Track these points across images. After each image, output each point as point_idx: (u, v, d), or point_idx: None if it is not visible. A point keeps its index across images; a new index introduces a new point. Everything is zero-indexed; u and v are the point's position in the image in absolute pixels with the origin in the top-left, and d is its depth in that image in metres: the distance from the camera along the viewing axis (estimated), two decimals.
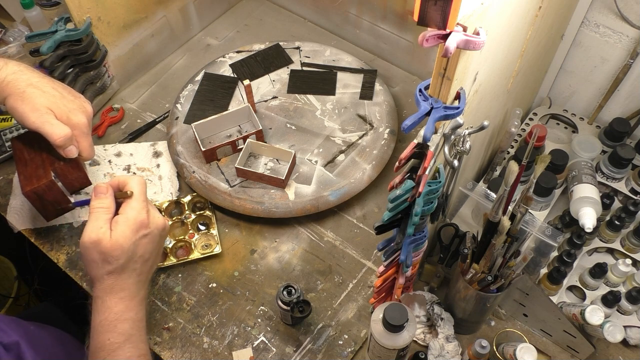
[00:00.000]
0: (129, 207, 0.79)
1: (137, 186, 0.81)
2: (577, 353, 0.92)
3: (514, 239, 0.78)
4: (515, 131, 0.93)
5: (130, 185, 0.81)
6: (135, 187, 0.81)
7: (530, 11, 0.76)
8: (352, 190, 1.06)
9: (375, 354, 0.80)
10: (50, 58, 1.10)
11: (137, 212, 0.79)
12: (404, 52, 1.29)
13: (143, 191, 0.82)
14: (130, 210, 0.79)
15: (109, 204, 0.80)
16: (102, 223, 0.77)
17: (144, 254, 0.79)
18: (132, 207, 0.79)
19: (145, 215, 0.80)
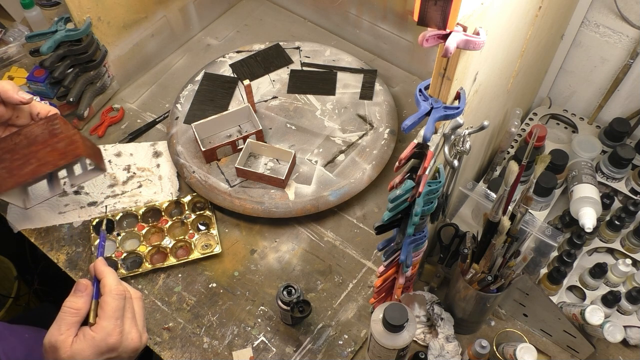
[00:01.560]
0: (99, 326, 0.69)
1: (112, 302, 0.70)
2: (577, 353, 0.92)
3: (514, 239, 0.78)
4: (515, 131, 0.93)
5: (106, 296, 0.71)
6: (109, 303, 0.70)
7: (530, 11, 0.76)
8: (352, 190, 1.06)
9: (375, 354, 0.80)
10: (50, 58, 1.10)
11: (106, 334, 0.69)
12: (404, 52, 1.29)
13: (118, 307, 0.70)
14: (100, 330, 0.69)
15: (80, 306, 0.70)
16: (65, 328, 0.69)
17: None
18: (103, 327, 0.69)
19: (115, 337, 0.69)
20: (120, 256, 1.00)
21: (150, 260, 1.01)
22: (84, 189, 1.09)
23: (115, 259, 1.00)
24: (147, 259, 1.00)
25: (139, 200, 1.08)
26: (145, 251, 1.01)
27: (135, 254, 1.01)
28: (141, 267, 0.99)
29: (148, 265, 0.99)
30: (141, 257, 1.01)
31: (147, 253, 1.01)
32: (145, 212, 1.06)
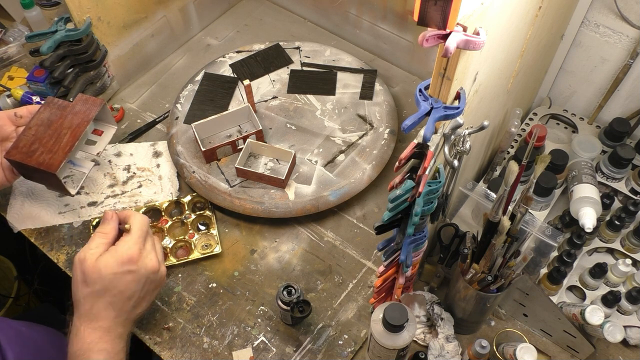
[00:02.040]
0: (122, 240, 0.80)
1: (136, 223, 0.82)
2: (577, 353, 0.92)
3: (514, 239, 0.78)
4: (515, 131, 0.93)
5: (131, 220, 0.83)
6: (134, 224, 0.82)
7: (530, 11, 0.76)
8: (352, 190, 1.06)
9: (375, 354, 0.80)
10: (50, 58, 1.10)
11: (128, 247, 0.79)
12: (404, 52, 1.29)
13: (141, 229, 0.82)
14: (122, 244, 0.80)
15: (108, 230, 0.81)
16: (94, 245, 0.79)
17: (125, 290, 0.78)
18: (125, 241, 0.80)
19: (135, 251, 0.80)
20: None
21: None
22: (84, 189, 1.09)
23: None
24: None
25: (139, 200, 1.08)
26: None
27: None
28: None
29: None
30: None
31: None
32: (145, 212, 1.06)
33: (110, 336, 0.77)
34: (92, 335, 0.76)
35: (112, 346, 0.77)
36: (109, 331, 0.77)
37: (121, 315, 0.79)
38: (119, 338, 0.78)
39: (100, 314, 0.77)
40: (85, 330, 0.76)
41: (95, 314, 0.77)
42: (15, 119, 0.93)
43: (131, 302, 0.80)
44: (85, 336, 0.75)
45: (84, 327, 0.76)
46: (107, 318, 0.77)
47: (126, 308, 0.79)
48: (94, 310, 0.77)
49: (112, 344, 0.77)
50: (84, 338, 0.75)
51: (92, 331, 0.76)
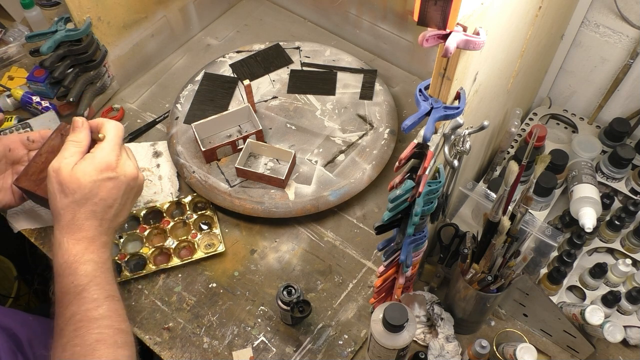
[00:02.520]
0: (98, 147, 0.78)
1: (111, 130, 0.80)
2: (577, 353, 0.92)
3: (514, 239, 0.78)
4: (515, 131, 0.93)
5: (105, 128, 0.80)
6: (109, 131, 0.80)
7: (530, 11, 0.76)
8: (352, 190, 1.06)
9: (375, 354, 0.80)
10: (50, 58, 1.10)
11: (105, 154, 0.77)
12: (404, 52, 1.29)
13: (117, 135, 0.80)
14: (99, 151, 0.78)
15: (81, 138, 0.79)
16: (68, 154, 0.76)
17: (106, 197, 0.77)
18: (102, 147, 0.78)
19: (113, 158, 0.78)
20: (124, 259, 1.00)
21: (154, 261, 1.01)
22: None
23: (118, 261, 0.99)
24: (151, 261, 1.00)
25: (138, 200, 1.08)
26: (148, 252, 1.01)
27: (138, 255, 1.01)
28: (145, 269, 0.99)
29: (152, 266, 0.99)
30: (144, 258, 1.01)
31: (150, 254, 1.01)
32: (146, 214, 1.06)
33: (95, 245, 0.75)
34: (76, 246, 0.74)
35: (98, 256, 0.75)
36: (94, 240, 0.75)
37: (104, 223, 0.77)
38: (104, 247, 0.77)
39: (83, 223, 0.75)
40: (69, 241, 0.74)
41: (78, 224, 0.75)
42: (27, 143, 0.92)
43: (112, 210, 0.78)
44: (70, 248, 0.74)
45: (67, 238, 0.74)
46: (91, 227, 0.76)
47: (108, 216, 0.78)
48: (75, 220, 0.75)
49: (98, 253, 0.75)
50: (68, 250, 0.74)
51: (76, 242, 0.74)
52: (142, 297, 0.98)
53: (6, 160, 0.91)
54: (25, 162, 0.93)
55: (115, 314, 0.75)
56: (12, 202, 0.92)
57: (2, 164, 0.91)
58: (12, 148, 0.91)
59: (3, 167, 0.91)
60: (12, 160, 0.92)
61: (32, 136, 0.92)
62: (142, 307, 0.97)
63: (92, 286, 0.73)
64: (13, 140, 0.92)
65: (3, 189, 0.91)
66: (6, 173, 0.92)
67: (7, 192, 0.91)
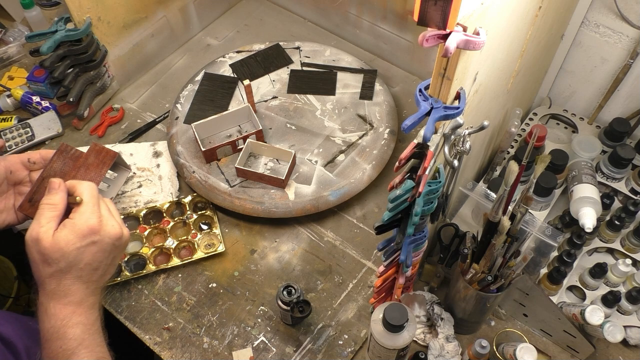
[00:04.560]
0: (78, 212, 0.76)
1: (86, 191, 0.77)
2: (577, 353, 0.92)
3: (514, 239, 0.78)
4: (515, 131, 0.93)
5: (79, 190, 0.77)
6: (84, 193, 0.77)
7: (530, 11, 0.76)
8: (352, 190, 1.06)
9: (375, 354, 0.80)
10: (50, 58, 1.10)
11: (86, 218, 0.75)
12: (404, 52, 1.29)
13: (93, 195, 0.78)
14: (79, 216, 0.75)
15: (57, 201, 0.76)
16: (45, 221, 0.74)
17: (91, 262, 0.75)
18: (81, 212, 0.75)
19: (95, 221, 0.75)
20: (124, 259, 1.00)
21: (154, 261, 1.01)
22: None
23: (119, 261, 0.99)
24: (151, 261, 1.00)
25: (138, 201, 1.08)
26: (148, 252, 1.01)
27: (138, 255, 1.01)
28: (145, 269, 0.99)
29: (152, 266, 0.99)
30: (145, 258, 1.01)
31: (150, 254, 1.01)
32: (146, 214, 1.06)
33: (83, 308, 0.74)
34: (63, 310, 0.72)
35: (86, 318, 0.74)
36: (81, 303, 0.74)
37: (90, 285, 0.76)
38: (92, 308, 0.75)
39: (69, 289, 0.73)
40: (55, 307, 0.72)
41: (64, 290, 0.73)
42: (28, 164, 0.91)
43: (99, 272, 0.76)
44: (57, 313, 0.72)
45: (53, 304, 0.73)
46: (77, 291, 0.74)
47: (94, 278, 0.76)
48: (61, 287, 0.73)
49: (86, 315, 0.74)
50: (55, 315, 0.72)
51: (62, 307, 0.72)
52: (142, 297, 0.98)
53: (7, 182, 0.91)
54: (26, 182, 0.92)
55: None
56: (15, 221, 0.92)
57: (3, 185, 0.90)
58: (13, 170, 0.90)
59: (5, 188, 0.90)
60: (13, 181, 0.91)
61: (32, 157, 0.91)
62: (142, 307, 0.97)
63: (82, 349, 0.72)
64: (14, 162, 0.91)
65: (5, 210, 0.90)
66: (8, 193, 0.91)
67: (9, 212, 0.91)
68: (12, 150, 1.14)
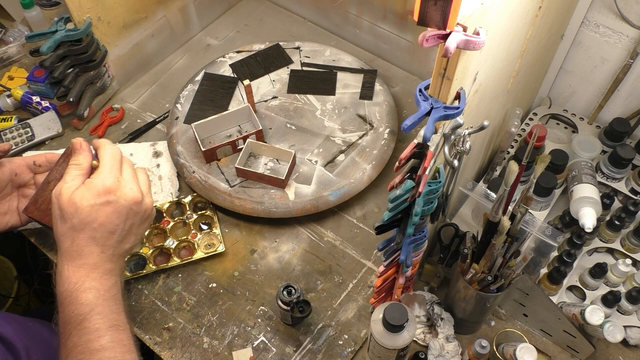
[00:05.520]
0: (97, 172, 0.76)
1: (107, 153, 0.77)
2: (577, 353, 0.92)
3: (514, 239, 0.78)
4: (515, 131, 0.93)
5: (100, 152, 0.78)
6: (105, 154, 0.77)
7: (530, 11, 0.76)
8: (352, 190, 1.06)
9: (375, 354, 0.80)
10: (50, 58, 1.10)
11: (103, 177, 0.74)
12: (404, 52, 1.29)
13: (113, 157, 0.77)
14: (96, 175, 0.75)
15: (81, 161, 0.77)
16: (70, 178, 0.74)
17: (106, 222, 0.73)
18: (99, 172, 0.75)
19: (111, 180, 0.74)
20: None
21: (154, 261, 1.01)
22: None
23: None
24: (151, 261, 1.00)
25: None
26: (148, 252, 1.01)
27: (138, 255, 1.01)
28: (145, 269, 0.99)
29: (152, 266, 0.99)
30: (145, 258, 1.01)
31: (150, 254, 1.01)
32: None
33: (97, 272, 0.72)
34: (77, 273, 0.71)
35: (100, 283, 0.72)
36: (96, 267, 0.72)
37: (106, 250, 0.74)
38: (108, 274, 0.73)
39: (83, 250, 0.72)
40: (69, 269, 0.71)
41: (77, 250, 0.72)
42: (34, 167, 0.91)
43: (115, 236, 0.75)
44: (70, 275, 0.71)
45: (67, 266, 0.71)
46: (91, 254, 0.73)
47: (110, 242, 0.74)
48: (75, 246, 0.72)
49: (101, 280, 0.72)
50: (69, 278, 0.71)
51: (76, 269, 0.71)
52: (142, 297, 0.98)
53: (12, 184, 0.90)
54: (31, 185, 0.92)
55: (119, 344, 0.71)
56: (19, 224, 0.92)
57: (8, 187, 0.90)
58: (18, 173, 0.90)
59: (9, 190, 0.90)
60: (18, 184, 0.91)
61: (38, 160, 0.91)
62: (142, 307, 0.97)
63: (94, 315, 0.70)
64: (19, 164, 0.91)
65: (10, 212, 0.90)
66: (12, 196, 0.91)
67: (13, 215, 0.91)
68: (13, 150, 1.14)
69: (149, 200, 0.79)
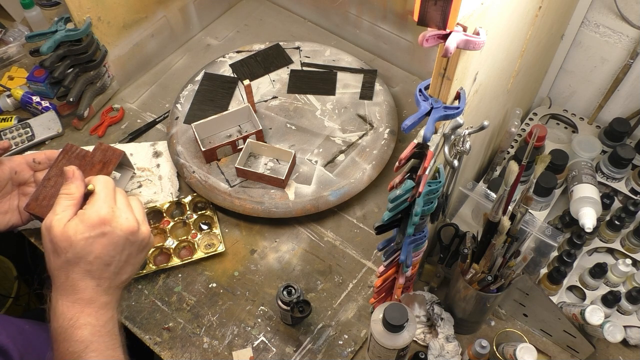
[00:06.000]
0: (90, 202, 0.72)
1: (100, 182, 0.74)
2: (577, 353, 0.92)
3: (514, 239, 0.78)
4: (515, 131, 0.93)
5: (94, 181, 0.75)
6: (98, 183, 0.74)
7: (530, 11, 0.76)
8: (352, 190, 1.06)
9: (375, 354, 0.80)
10: (50, 58, 1.10)
11: (97, 207, 0.71)
12: (404, 52, 1.29)
13: (107, 186, 0.74)
14: (90, 206, 0.72)
15: (73, 190, 0.74)
16: (60, 209, 0.71)
17: (101, 255, 0.70)
18: (93, 202, 0.72)
19: (106, 211, 0.71)
20: None
21: (154, 261, 1.01)
22: None
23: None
24: (151, 261, 1.00)
25: None
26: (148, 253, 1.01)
27: None
28: (145, 269, 0.99)
29: (152, 266, 0.99)
30: (145, 258, 1.00)
31: (150, 254, 1.01)
32: (146, 214, 1.05)
33: (92, 308, 0.69)
34: (71, 309, 0.69)
35: (96, 318, 0.69)
36: (91, 302, 0.70)
37: (102, 283, 0.71)
38: (104, 308, 0.71)
39: (78, 284, 0.69)
40: (64, 304, 0.69)
41: (72, 285, 0.69)
42: (33, 165, 0.91)
43: (111, 268, 0.72)
44: (65, 311, 0.69)
45: (62, 301, 0.69)
46: (87, 288, 0.70)
47: (106, 275, 0.71)
48: (69, 281, 0.69)
49: (96, 316, 0.69)
50: (63, 314, 0.68)
51: (71, 305, 0.69)
52: (142, 297, 0.98)
53: (12, 183, 0.90)
54: (31, 183, 0.92)
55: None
56: (19, 222, 0.91)
57: (8, 186, 0.90)
58: (17, 171, 0.90)
59: (9, 189, 0.90)
60: (18, 182, 0.91)
61: (37, 158, 0.91)
62: (142, 307, 0.97)
63: (89, 353, 0.67)
64: (19, 162, 0.90)
65: (10, 210, 0.90)
66: (12, 194, 0.91)
67: (14, 213, 0.90)
68: (13, 150, 1.14)
69: (145, 229, 0.76)
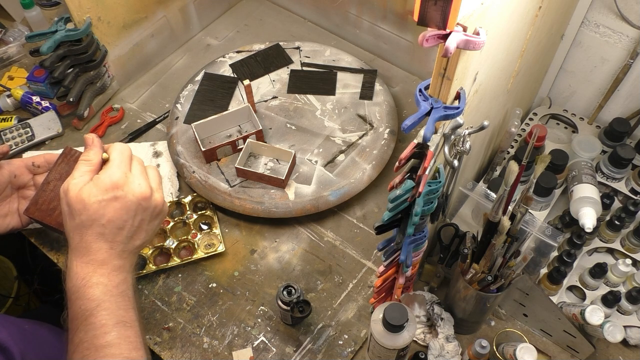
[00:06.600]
0: (105, 168, 0.75)
1: (115, 149, 0.77)
2: (577, 353, 0.92)
3: (514, 239, 0.78)
4: (515, 131, 0.93)
5: (110, 149, 0.78)
6: (113, 150, 0.77)
7: (530, 11, 0.76)
8: (352, 190, 1.06)
9: (375, 354, 0.80)
10: (50, 58, 1.10)
11: (110, 173, 0.73)
12: (404, 52, 1.29)
13: (122, 153, 0.77)
14: (104, 171, 0.74)
15: (91, 157, 0.76)
16: (78, 174, 0.74)
17: (113, 218, 0.72)
18: (107, 167, 0.75)
19: (119, 176, 0.73)
20: None
21: (154, 261, 1.01)
22: None
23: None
24: (151, 261, 1.00)
25: None
26: (148, 253, 1.01)
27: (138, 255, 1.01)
28: (145, 269, 0.99)
29: (152, 266, 0.99)
30: (144, 258, 1.00)
31: (150, 254, 1.01)
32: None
33: (105, 269, 0.72)
34: (84, 269, 0.71)
35: (108, 279, 0.71)
36: (104, 263, 0.72)
37: (115, 246, 0.73)
38: (117, 270, 0.73)
39: (91, 246, 0.72)
40: (78, 265, 0.71)
41: (86, 246, 0.72)
42: (32, 168, 0.91)
43: (124, 232, 0.74)
44: (78, 271, 0.71)
45: (76, 262, 0.71)
46: (100, 250, 0.72)
47: (119, 239, 0.74)
48: (83, 242, 0.72)
49: (109, 276, 0.71)
50: (77, 274, 0.71)
51: (84, 265, 0.71)
52: (142, 297, 0.98)
53: (12, 186, 0.90)
54: (30, 186, 0.92)
55: (125, 341, 0.70)
56: (19, 225, 0.91)
57: (7, 189, 0.90)
58: (17, 174, 0.90)
59: (9, 192, 0.90)
60: (17, 185, 0.91)
61: (37, 161, 0.91)
62: (142, 307, 0.97)
63: (101, 311, 0.69)
64: (18, 166, 0.91)
65: (10, 213, 0.90)
66: (12, 197, 0.91)
67: (14, 216, 0.91)
68: (13, 150, 1.14)
69: (159, 196, 0.78)
